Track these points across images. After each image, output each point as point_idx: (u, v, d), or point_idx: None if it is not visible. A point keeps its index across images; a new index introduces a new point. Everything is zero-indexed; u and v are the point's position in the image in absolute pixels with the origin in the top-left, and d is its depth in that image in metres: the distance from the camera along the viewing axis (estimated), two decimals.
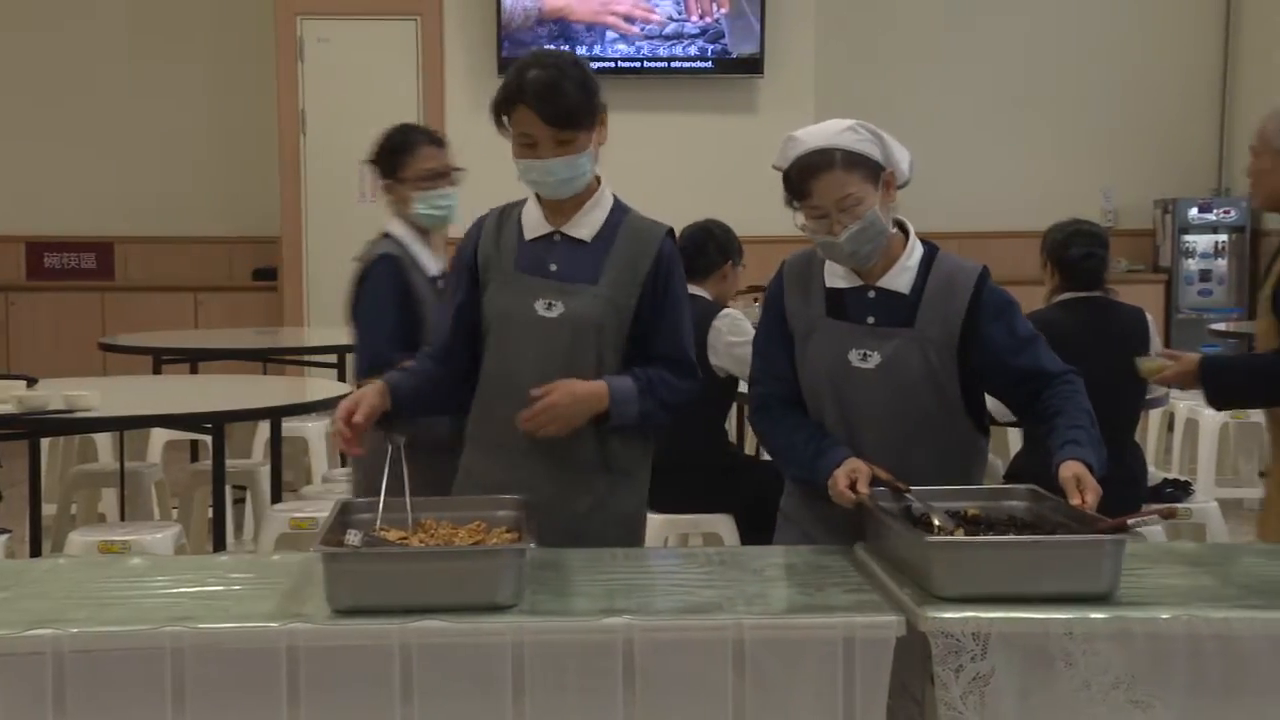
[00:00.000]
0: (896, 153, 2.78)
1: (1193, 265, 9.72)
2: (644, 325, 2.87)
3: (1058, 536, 2.40)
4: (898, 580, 2.36)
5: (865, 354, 2.78)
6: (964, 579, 2.25)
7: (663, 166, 8.96)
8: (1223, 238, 9.67)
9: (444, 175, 3.79)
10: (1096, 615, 2.19)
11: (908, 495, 2.61)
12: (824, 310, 2.85)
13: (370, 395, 2.74)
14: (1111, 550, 2.28)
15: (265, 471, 5.46)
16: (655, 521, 4.60)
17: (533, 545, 2.34)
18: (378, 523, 2.47)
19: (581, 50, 8.89)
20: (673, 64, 9.05)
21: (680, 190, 8.71)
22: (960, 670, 2.17)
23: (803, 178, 2.74)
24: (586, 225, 2.88)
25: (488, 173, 4.04)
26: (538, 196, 2.89)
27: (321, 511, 3.99)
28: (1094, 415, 2.74)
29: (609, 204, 2.92)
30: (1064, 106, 9.69)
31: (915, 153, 2.86)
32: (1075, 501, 2.47)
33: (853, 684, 2.18)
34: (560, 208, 2.87)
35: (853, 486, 2.63)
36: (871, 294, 2.83)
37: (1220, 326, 8.21)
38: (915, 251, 2.84)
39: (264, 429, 6.12)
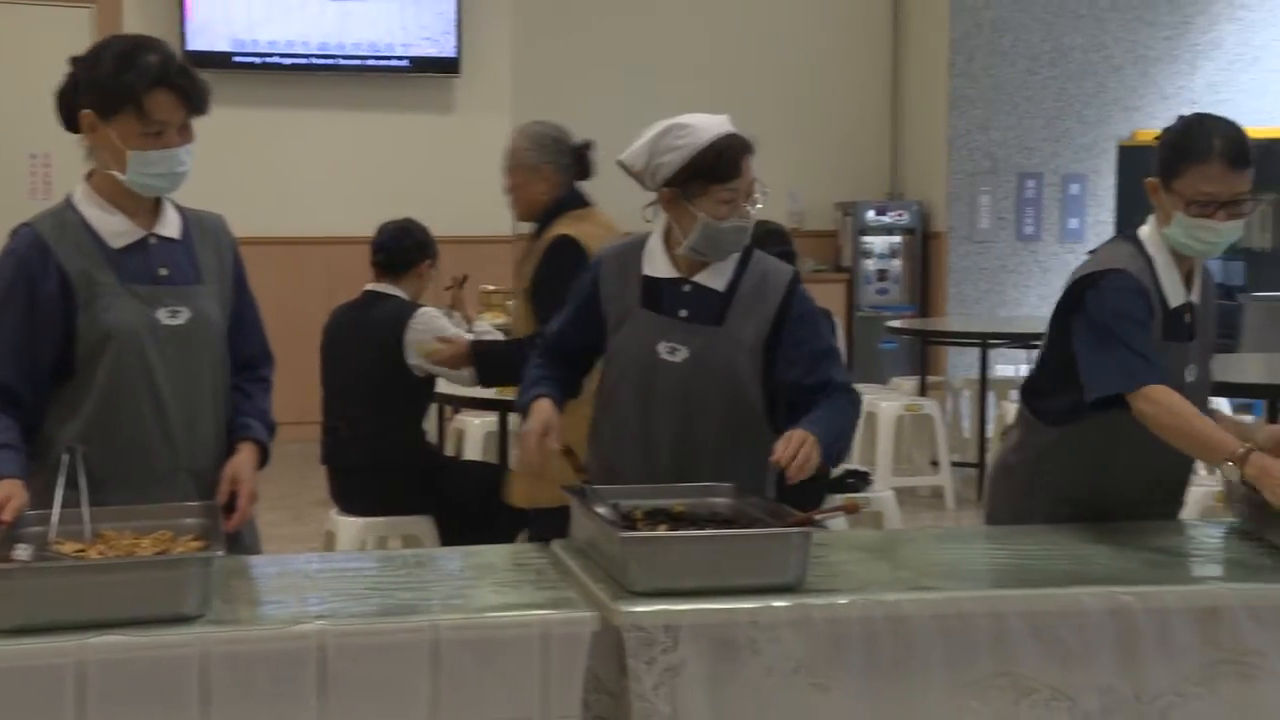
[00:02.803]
0: None
1: (871, 265, 10.22)
2: (234, 323, 2.77)
3: (746, 530, 2.48)
4: (593, 576, 2.40)
5: (674, 348, 2.82)
6: (658, 574, 2.30)
7: (357, 165, 8.82)
8: (897, 239, 10.20)
9: None
10: (779, 604, 2.27)
11: (588, 490, 2.63)
12: (639, 300, 2.87)
13: (17, 492, 2.40)
14: (798, 543, 2.36)
15: None
16: (354, 525, 4.54)
17: (221, 553, 2.26)
18: (51, 535, 2.34)
19: (272, 45, 8.66)
20: (368, 61, 8.90)
21: (375, 189, 8.60)
22: (652, 662, 2.21)
23: (734, 157, 2.77)
24: (171, 222, 2.70)
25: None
26: (108, 199, 2.63)
27: None
28: (853, 421, 2.87)
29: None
30: (752, 110, 9.99)
31: (614, 155, 2.91)
32: (776, 457, 2.57)
33: (548, 680, 2.20)
34: (141, 208, 2.65)
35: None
36: (687, 288, 2.86)
37: (896, 324, 8.68)
38: None
39: None
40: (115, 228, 2.63)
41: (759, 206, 2.83)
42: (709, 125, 2.81)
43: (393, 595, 2.37)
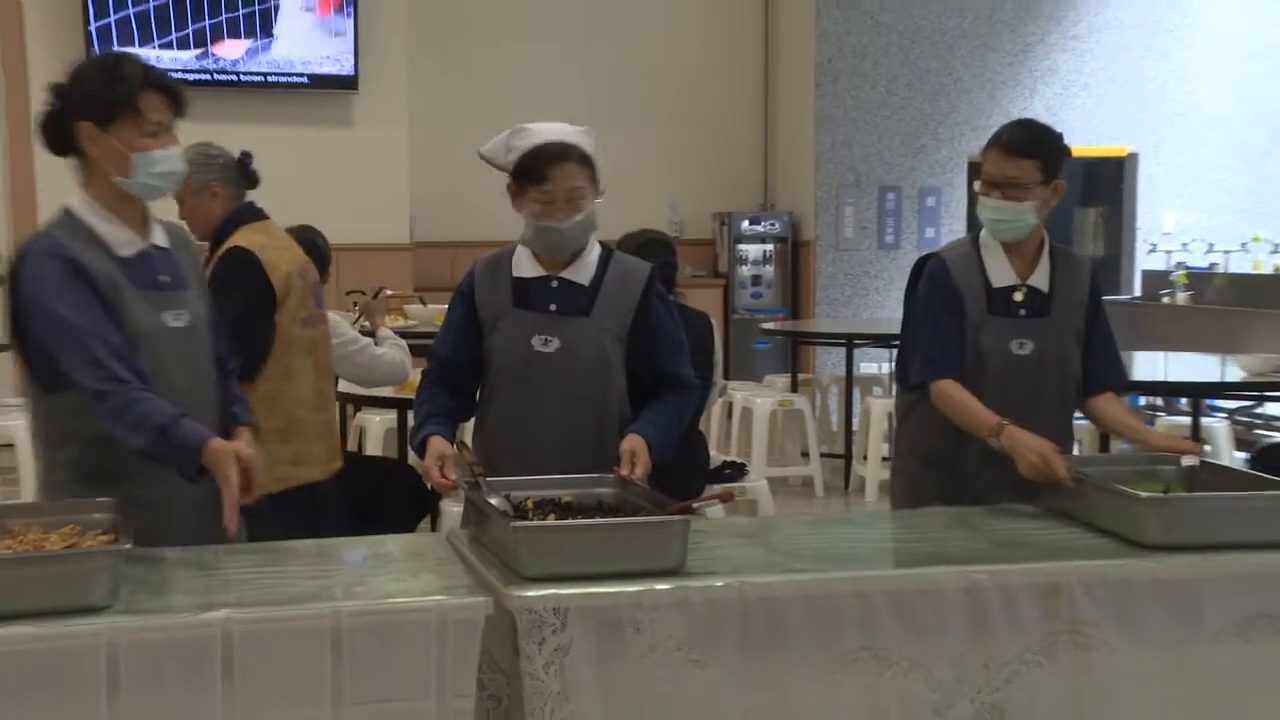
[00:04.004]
0: (603, 164, 2.90)
1: (745, 271, 10.29)
2: (208, 322, 2.74)
3: (630, 519, 2.48)
4: (487, 563, 2.39)
5: (547, 339, 2.85)
6: (547, 560, 2.30)
7: (261, 177, 8.64)
8: (769, 247, 10.29)
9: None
10: (661, 586, 2.28)
11: (482, 482, 2.62)
12: (511, 300, 2.88)
13: None
14: (678, 530, 2.37)
15: None
16: None
17: (129, 545, 2.21)
18: None
19: (175, 61, 8.46)
20: (269, 78, 8.76)
21: (278, 200, 8.42)
22: (543, 643, 2.20)
23: (543, 163, 2.80)
24: (159, 232, 2.66)
25: None
26: (108, 210, 2.57)
27: None
28: (684, 418, 2.95)
29: None
30: (636, 126, 10.05)
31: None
32: (625, 472, 2.66)
33: (445, 662, 2.18)
34: (135, 218, 2.61)
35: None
36: (555, 283, 2.89)
37: (769, 325, 8.76)
38: (595, 248, 2.94)
39: None
40: (121, 237, 2.59)
41: (579, 217, 2.83)
42: (544, 131, 2.86)
43: (297, 584, 2.33)
